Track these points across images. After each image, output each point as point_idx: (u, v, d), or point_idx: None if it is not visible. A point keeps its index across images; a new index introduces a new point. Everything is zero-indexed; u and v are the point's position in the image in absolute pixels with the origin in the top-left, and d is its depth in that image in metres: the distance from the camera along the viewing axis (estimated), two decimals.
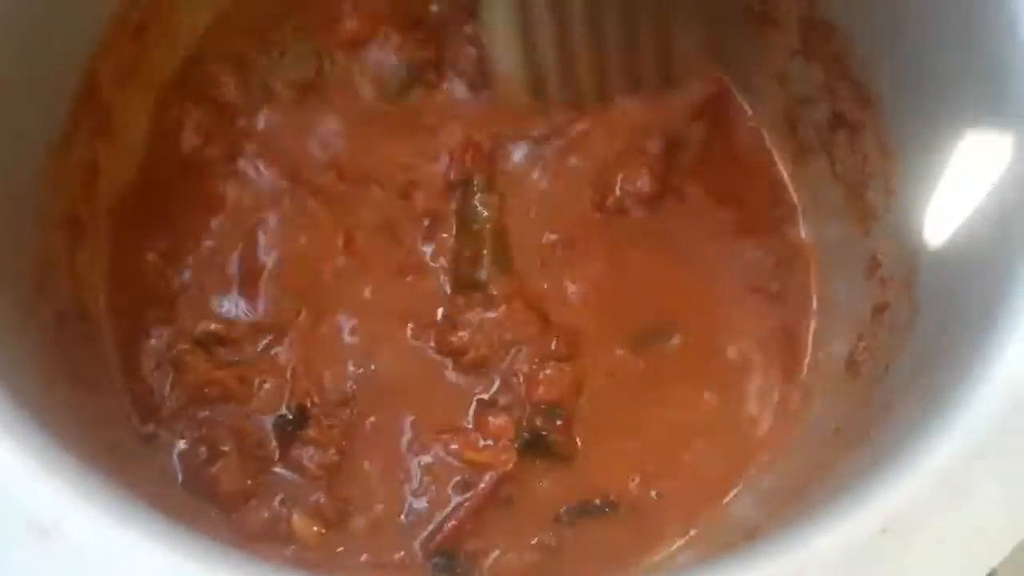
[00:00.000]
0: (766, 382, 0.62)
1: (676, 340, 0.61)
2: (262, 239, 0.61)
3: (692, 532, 0.56)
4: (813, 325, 0.63)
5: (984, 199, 0.49)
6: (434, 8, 0.66)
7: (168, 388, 0.57)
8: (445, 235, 0.61)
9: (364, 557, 0.55)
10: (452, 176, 0.62)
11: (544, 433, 0.57)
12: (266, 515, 0.55)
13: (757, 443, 0.60)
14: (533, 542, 0.56)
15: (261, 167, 0.62)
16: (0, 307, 0.46)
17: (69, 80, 0.55)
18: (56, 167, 0.54)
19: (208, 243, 0.61)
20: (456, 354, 0.59)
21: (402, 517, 0.56)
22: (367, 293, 0.60)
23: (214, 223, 0.61)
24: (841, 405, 0.55)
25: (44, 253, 0.52)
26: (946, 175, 0.53)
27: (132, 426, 0.56)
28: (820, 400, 0.59)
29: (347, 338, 0.59)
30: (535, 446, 0.57)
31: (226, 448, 0.56)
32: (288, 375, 0.58)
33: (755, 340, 0.62)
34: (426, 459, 0.57)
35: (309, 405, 0.57)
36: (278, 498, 0.56)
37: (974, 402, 0.40)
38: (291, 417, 0.57)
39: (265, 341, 0.59)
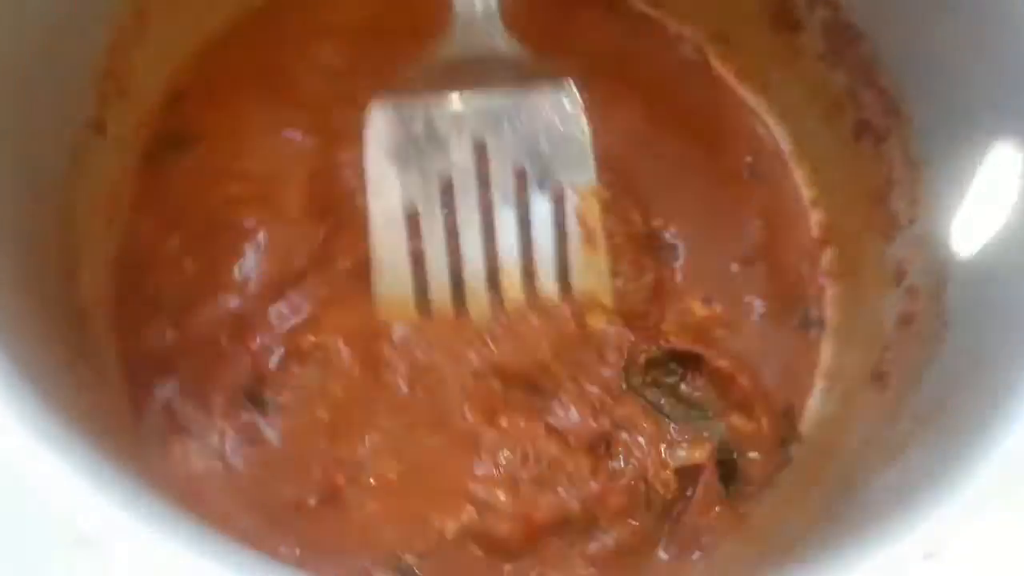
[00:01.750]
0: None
1: None
2: None
3: None
4: (833, 335, 0.62)
5: (1016, 211, 0.49)
6: None
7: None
8: None
9: None
10: None
11: None
12: None
13: None
14: None
15: None
16: (24, 303, 0.45)
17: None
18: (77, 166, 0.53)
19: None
20: None
21: None
22: None
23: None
24: (867, 417, 0.55)
25: (70, 244, 0.52)
26: (976, 185, 0.53)
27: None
28: (843, 409, 0.59)
29: None
30: None
31: None
32: None
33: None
34: None
35: None
36: None
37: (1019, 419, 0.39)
38: None
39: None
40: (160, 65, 0.61)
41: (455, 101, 0.57)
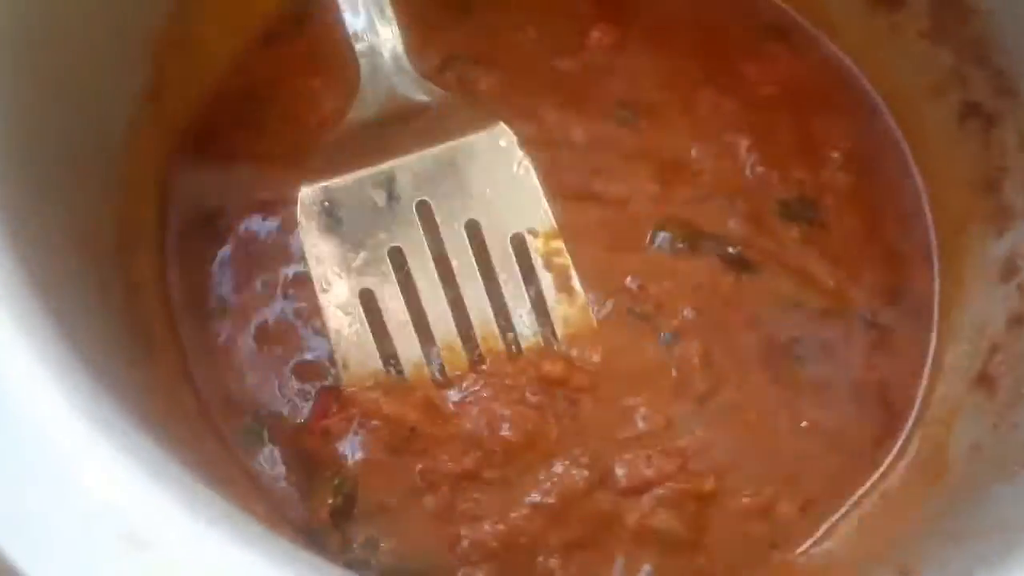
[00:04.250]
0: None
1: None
2: None
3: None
4: (936, 334, 0.57)
5: None
6: None
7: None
8: None
9: None
10: None
11: None
12: None
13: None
14: None
15: None
16: (78, 277, 0.42)
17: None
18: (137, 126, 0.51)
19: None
20: None
21: None
22: None
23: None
24: (977, 423, 0.51)
25: (123, 216, 0.50)
26: None
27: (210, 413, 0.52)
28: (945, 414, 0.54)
29: None
30: None
31: None
32: None
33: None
34: None
35: None
36: None
37: None
38: None
39: None
40: (221, 38, 0.59)
41: (386, 168, 0.52)
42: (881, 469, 0.54)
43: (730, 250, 0.57)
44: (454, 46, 0.61)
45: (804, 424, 0.54)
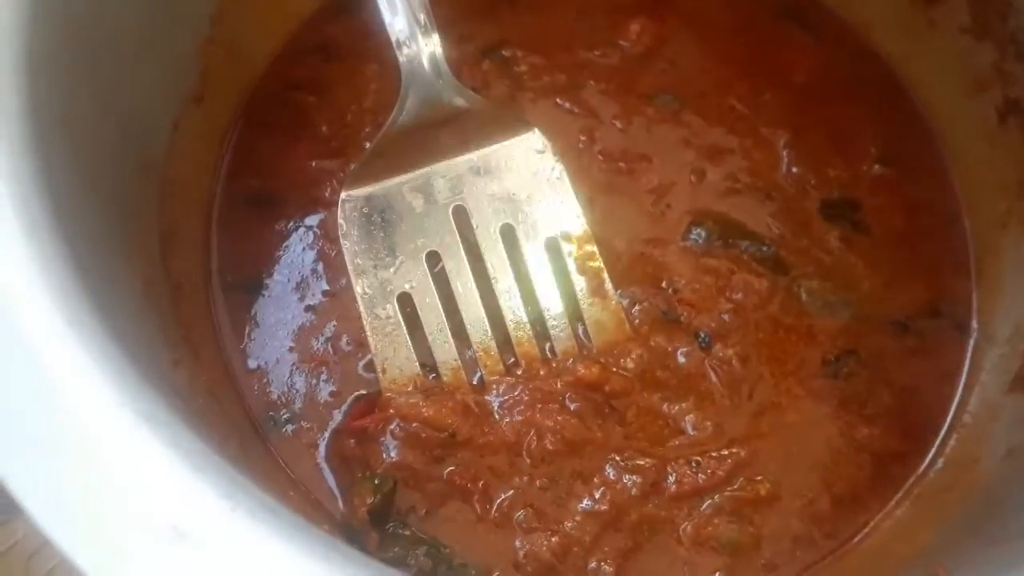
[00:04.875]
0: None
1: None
2: None
3: None
4: (973, 337, 0.57)
5: None
6: None
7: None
8: None
9: None
10: None
11: None
12: None
13: None
14: None
15: None
16: (125, 277, 0.43)
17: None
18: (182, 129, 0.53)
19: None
20: None
21: None
22: None
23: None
24: (1012, 428, 0.50)
25: (167, 220, 0.51)
26: None
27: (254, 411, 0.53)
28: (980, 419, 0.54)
29: None
30: None
31: None
32: None
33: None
34: None
35: None
36: None
37: None
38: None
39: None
40: (261, 38, 0.61)
41: (423, 173, 0.53)
42: (917, 472, 0.54)
43: (764, 249, 0.57)
44: (494, 36, 0.62)
45: (842, 427, 0.54)
